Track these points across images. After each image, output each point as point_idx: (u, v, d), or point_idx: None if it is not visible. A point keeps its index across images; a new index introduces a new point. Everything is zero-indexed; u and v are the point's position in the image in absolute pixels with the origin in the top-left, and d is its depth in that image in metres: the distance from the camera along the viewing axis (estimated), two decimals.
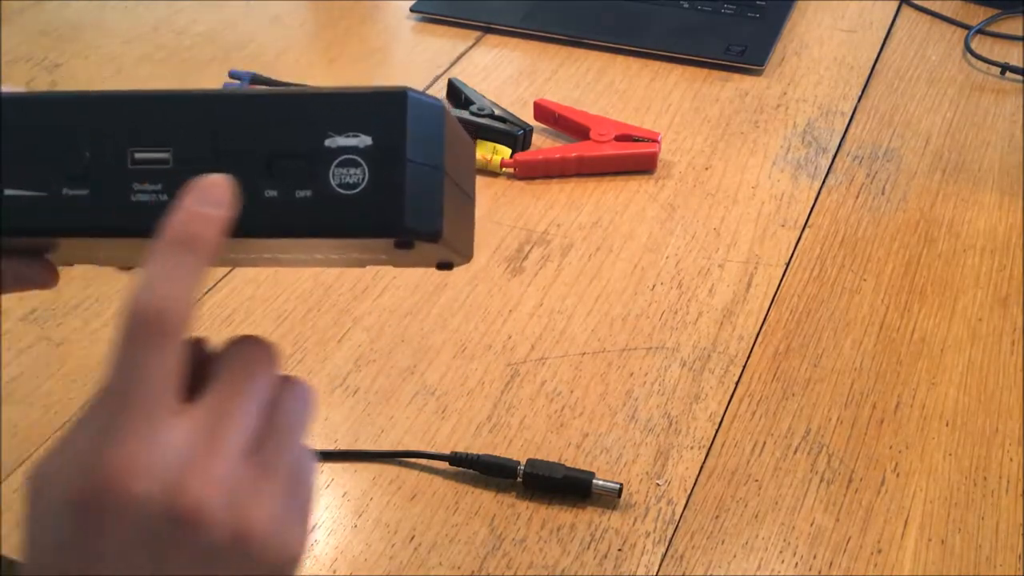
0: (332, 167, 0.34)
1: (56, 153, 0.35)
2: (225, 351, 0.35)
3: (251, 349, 0.35)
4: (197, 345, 0.36)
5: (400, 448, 0.60)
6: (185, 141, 0.35)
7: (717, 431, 0.61)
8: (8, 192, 0.35)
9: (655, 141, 0.82)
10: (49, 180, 0.35)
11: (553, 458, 0.59)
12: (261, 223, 0.34)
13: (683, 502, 0.57)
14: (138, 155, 0.35)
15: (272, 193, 0.34)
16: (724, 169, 0.82)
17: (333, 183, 0.34)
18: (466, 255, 0.38)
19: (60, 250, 0.39)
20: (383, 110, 0.34)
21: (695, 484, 0.58)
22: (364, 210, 0.34)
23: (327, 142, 0.34)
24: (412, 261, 0.39)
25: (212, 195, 0.33)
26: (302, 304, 0.70)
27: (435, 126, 0.35)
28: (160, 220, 0.33)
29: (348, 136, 0.34)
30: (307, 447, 0.36)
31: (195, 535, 0.31)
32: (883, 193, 0.79)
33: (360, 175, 0.34)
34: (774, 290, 0.71)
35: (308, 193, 0.34)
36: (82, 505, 0.31)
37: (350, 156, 0.34)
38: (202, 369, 0.34)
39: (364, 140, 0.34)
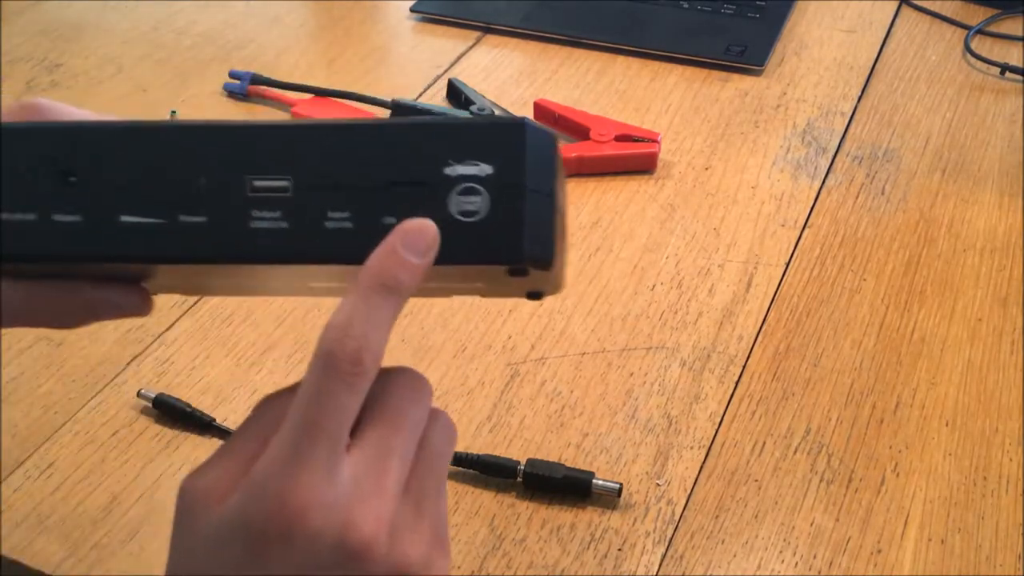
0: (452, 194, 0.34)
1: (173, 181, 0.36)
2: (382, 383, 0.35)
3: (407, 382, 0.36)
4: None
5: None
6: (304, 170, 0.35)
7: (717, 431, 0.61)
8: (125, 219, 0.36)
9: (655, 141, 0.82)
10: (166, 207, 0.36)
11: (553, 458, 0.59)
12: None
13: (683, 502, 0.57)
14: (257, 183, 0.35)
15: (391, 220, 0.34)
16: (724, 169, 0.82)
17: (453, 211, 0.34)
18: (561, 284, 0.39)
19: (157, 278, 0.39)
20: (503, 139, 0.35)
21: (695, 484, 0.58)
22: (484, 237, 0.34)
23: (447, 170, 0.34)
24: (506, 291, 0.40)
25: (420, 242, 0.34)
26: (302, 304, 0.70)
27: (549, 155, 0.35)
28: (281, 246, 0.35)
29: (468, 164, 0.34)
30: (445, 480, 0.37)
31: (360, 569, 0.33)
32: (883, 193, 0.79)
33: (480, 203, 0.34)
34: (774, 290, 0.71)
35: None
36: (260, 532, 0.32)
37: (471, 184, 0.34)
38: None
39: (484, 168, 0.34)
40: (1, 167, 0.36)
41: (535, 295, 0.39)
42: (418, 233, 0.34)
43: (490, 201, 0.34)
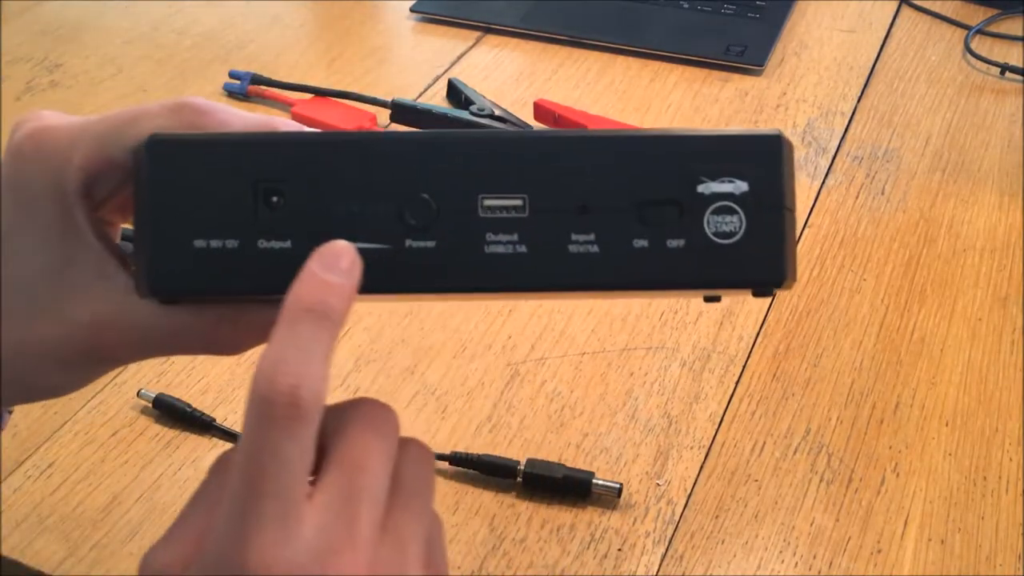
0: (707, 215, 0.32)
1: (397, 201, 0.32)
2: (339, 419, 0.32)
3: (368, 414, 0.33)
4: None
5: None
6: (542, 187, 0.32)
7: (717, 431, 0.61)
8: None
9: None
10: (391, 231, 0.32)
11: (553, 458, 0.59)
12: (633, 275, 0.32)
13: (683, 502, 0.57)
14: (488, 202, 0.32)
15: (642, 243, 0.32)
16: None
17: (709, 232, 0.32)
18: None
19: None
20: (758, 154, 0.32)
21: (695, 484, 0.58)
22: (742, 261, 0.32)
23: (700, 188, 0.32)
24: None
25: (340, 262, 0.30)
26: None
27: (791, 165, 0.33)
28: (520, 273, 0.32)
29: (723, 182, 0.32)
30: (433, 511, 0.34)
31: None
32: (883, 193, 0.79)
33: (737, 223, 0.32)
34: None
35: (681, 243, 0.32)
36: None
37: (726, 203, 0.32)
38: (319, 438, 0.31)
39: (740, 186, 0.32)
40: (187, 185, 0.32)
41: (715, 299, 0.36)
42: (338, 253, 0.30)
43: (746, 221, 0.32)
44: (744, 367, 0.65)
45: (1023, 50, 0.96)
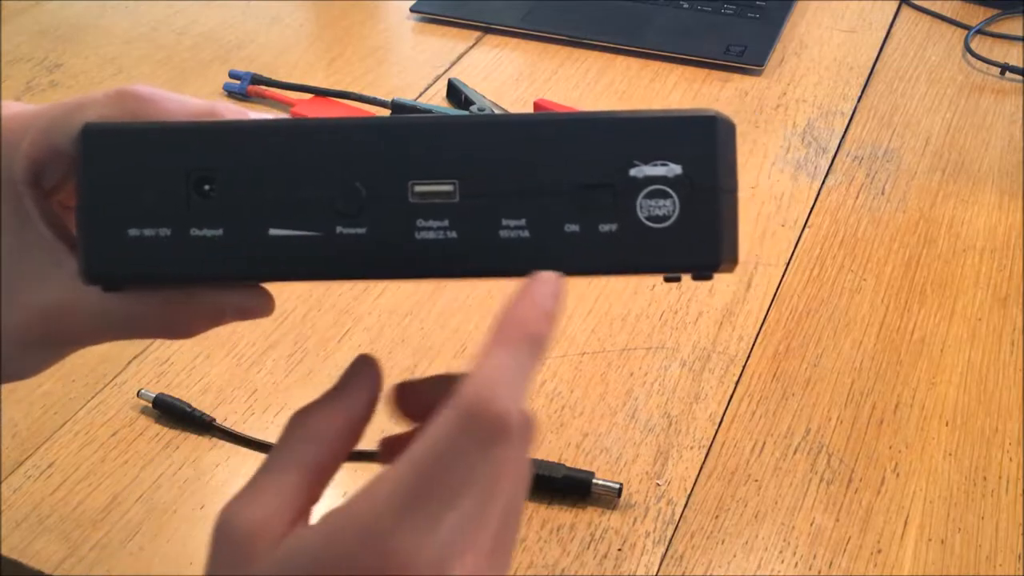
0: (639, 199, 0.32)
1: (328, 188, 0.32)
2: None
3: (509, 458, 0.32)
4: None
5: None
6: (472, 172, 0.32)
7: (717, 431, 0.61)
8: (275, 232, 0.32)
9: None
10: (322, 218, 0.32)
11: (553, 458, 0.59)
12: (563, 261, 0.32)
13: (683, 502, 0.57)
14: (419, 188, 0.32)
15: (573, 228, 0.32)
16: None
17: (641, 216, 0.32)
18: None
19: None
20: (691, 136, 0.32)
21: (695, 484, 0.58)
22: (676, 244, 0.32)
23: (633, 172, 0.32)
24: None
25: (559, 292, 0.31)
26: (302, 304, 0.70)
27: (732, 147, 0.33)
28: (450, 258, 0.32)
29: (656, 165, 0.32)
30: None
31: None
32: (883, 193, 0.79)
33: (670, 207, 0.32)
34: (774, 290, 0.71)
35: (613, 227, 0.32)
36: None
37: (659, 187, 0.32)
38: None
39: (673, 169, 0.32)
40: (121, 174, 0.32)
41: (674, 279, 0.35)
42: (556, 282, 0.31)
43: (680, 204, 0.32)
44: (744, 367, 0.65)
45: (1023, 50, 0.96)
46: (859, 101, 0.90)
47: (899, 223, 0.76)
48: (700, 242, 0.32)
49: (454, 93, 0.89)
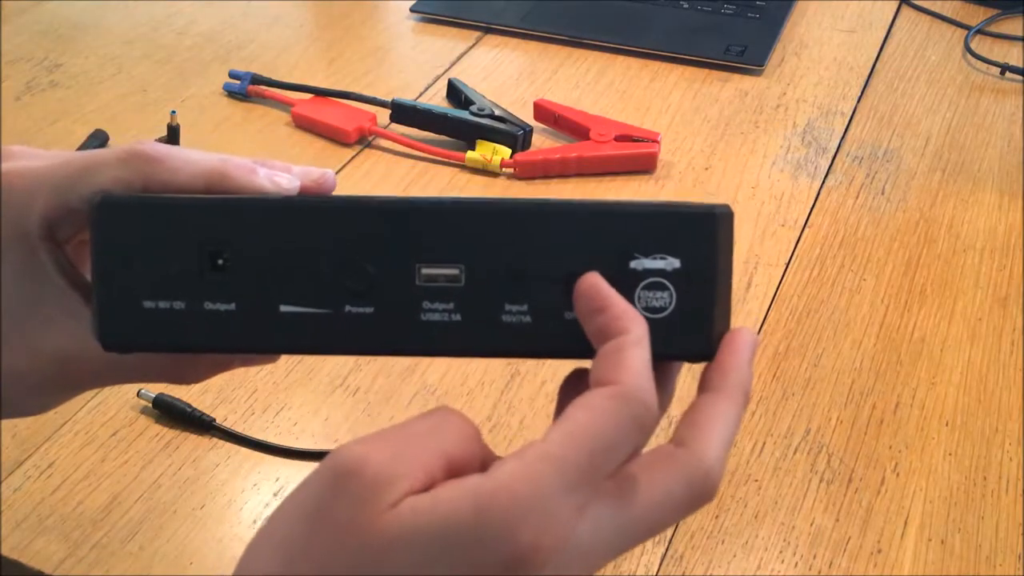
0: (638, 290, 0.33)
1: (338, 267, 0.33)
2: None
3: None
4: None
5: None
6: (478, 257, 0.33)
7: None
8: (285, 309, 0.33)
9: (655, 141, 0.82)
10: (331, 296, 0.33)
11: None
12: (563, 346, 0.34)
13: None
14: (425, 271, 0.33)
15: (572, 315, 0.33)
16: (724, 169, 0.82)
17: (639, 306, 0.33)
18: None
19: None
20: (691, 232, 0.33)
21: None
22: (670, 334, 0.33)
23: (633, 264, 0.33)
24: None
25: (753, 351, 0.34)
26: None
27: (730, 237, 0.34)
28: (453, 340, 0.33)
29: (655, 259, 0.33)
30: None
31: None
32: (883, 193, 0.79)
33: (667, 299, 0.33)
34: (774, 290, 0.71)
35: None
36: (490, 554, 0.28)
37: (657, 279, 0.33)
38: None
39: (672, 263, 0.33)
40: (136, 246, 0.33)
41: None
42: (753, 344, 0.34)
43: (676, 297, 0.33)
44: None
45: (1023, 50, 0.96)
46: (859, 101, 0.90)
47: (899, 223, 0.76)
48: (694, 333, 0.33)
49: (454, 93, 0.89)
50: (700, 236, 0.33)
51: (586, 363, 0.34)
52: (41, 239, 0.36)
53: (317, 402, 0.63)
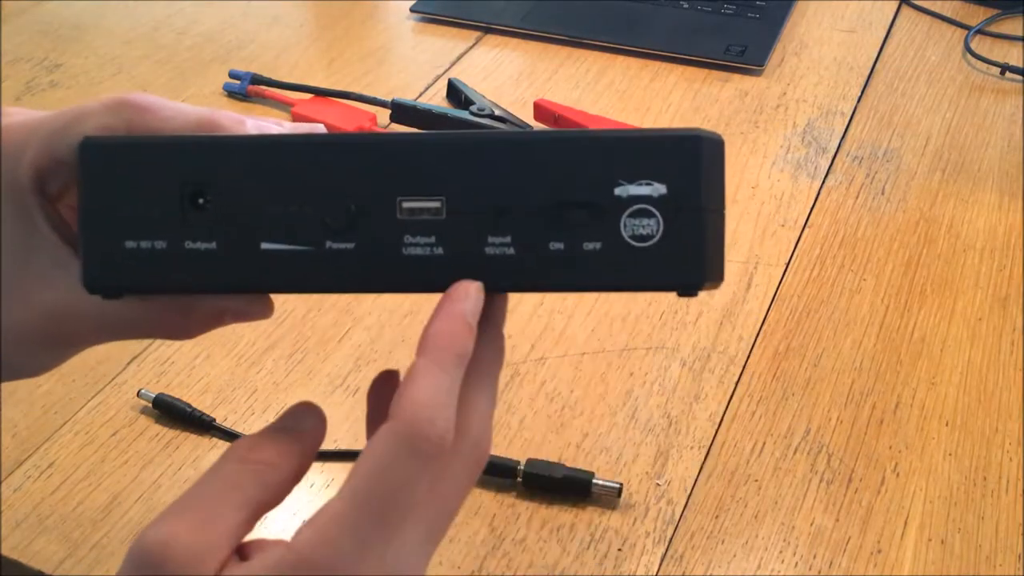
0: (623, 218, 0.32)
1: (318, 204, 0.33)
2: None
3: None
4: None
5: None
6: (459, 189, 0.32)
7: (717, 431, 0.61)
8: (266, 247, 0.33)
9: None
10: (312, 233, 0.33)
11: (553, 458, 0.59)
12: (548, 278, 0.33)
13: (683, 502, 0.57)
14: (407, 204, 0.32)
15: (558, 246, 0.32)
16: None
17: (625, 235, 0.32)
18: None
19: None
20: (676, 156, 0.32)
21: (695, 484, 0.58)
22: (659, 263, 0.32)
23: (617, 191, 0.32)
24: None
25: (477, 307, 0.32)
26: (302, 304, 0.70)
27: (719, 165, 0.33)
28: (436, 274, 0.32)
29: (640, 184, 0.32)
30: None
31: None
32: (883, 193, 0.79)
33: (654, 226, 0.32)
34: (774, 290, 0.71)
35: (598, 246, 0.32)
36: None
37: (643, 206, 0.32)
38: None
39: (658, 189, 0.32)
40: (118, 187, 0.33)
41: (691, 294, 0.35)
42: (476, 297, 0.32)
43: (664, 224, 0.32)
44: (744, 367, 0.65)
45: (1023, 50, 0.96)
46: (859, 101, 0.90)
47: (899, 223, 0.76)
48: (683, 261, 0.32)
49: (454, 93, 0.89)
50: (686, 160, 0.32)
51: (395, 365, 0.34)
52: (32, 191, 0.36)
53: (317, 402, 0.62)
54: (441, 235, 0.33)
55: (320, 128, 0.38)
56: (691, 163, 0.32)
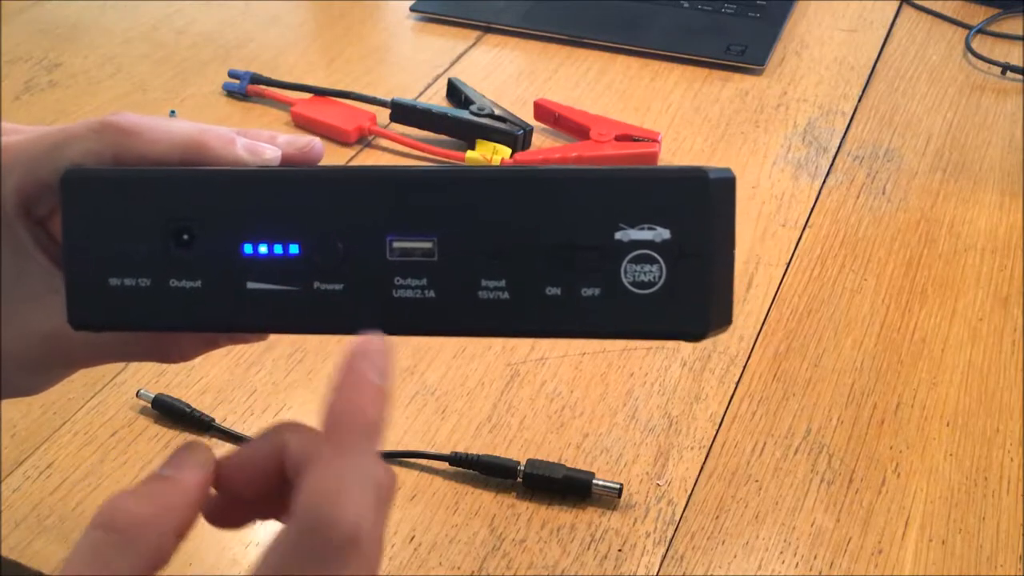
0: (624, 263, 0.30)
1: (306, 243, 0.31)
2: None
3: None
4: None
5: (400, 448, 0.60)
6: (452, 229, 0.31)
7: (717, 431, 0.61)
8: (253, 286, 0.32)
9: (655, 141, 0.82)
10: (299, 273, 0.31)
11: (553, 458, 0.59)
12: (544, 323, 0.31)
13: (683, 502, 0.57)
14: (397, 244, 0.31)
15: (555, 291, 0.31)
16: None
17: (625, 281, 0.30)
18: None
19: None
20: (681, 198, 0.30)
21: (695, 484, 0.58)
22: (661, 311, 0.30)
23: (618, 235, 0.30)
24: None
25: (386, 363, 0.30)
26: None
27: (728, 204, 0.31)
28: (426, 317, 0.31)
29: (642, 229, 0.30)
30: None
31: None
32: (883, 193, 0.79)
33: (657, 272, 0.30)
34: (774, 290, 0.70)
35: (596, 291, 0.31)
36: None
37: (645, 251, 0.30)
38: None
39: (661, 233, 0.30)
40: (102, 222, 0.32)
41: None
42: (381, 354, 0.29)
43: (666, 270, 0.30)
44: (744, 367, 0.65)
45: (1023, 50, 0.96)
46: (860, 101, 0.89)
47: (900, 223, 0.76)
48: (686, 310, 0.30)
49: (454, 93, 0.89)
50: (691, 203, 0.30)
51: (395, 364, 0.32)
52: (17, 216, 0.35)
53: (317, 402, 0.63)
54: (433, 277, 0.31)
55: (317, 143, 0.37)
56: (696, 205, 0.30)
